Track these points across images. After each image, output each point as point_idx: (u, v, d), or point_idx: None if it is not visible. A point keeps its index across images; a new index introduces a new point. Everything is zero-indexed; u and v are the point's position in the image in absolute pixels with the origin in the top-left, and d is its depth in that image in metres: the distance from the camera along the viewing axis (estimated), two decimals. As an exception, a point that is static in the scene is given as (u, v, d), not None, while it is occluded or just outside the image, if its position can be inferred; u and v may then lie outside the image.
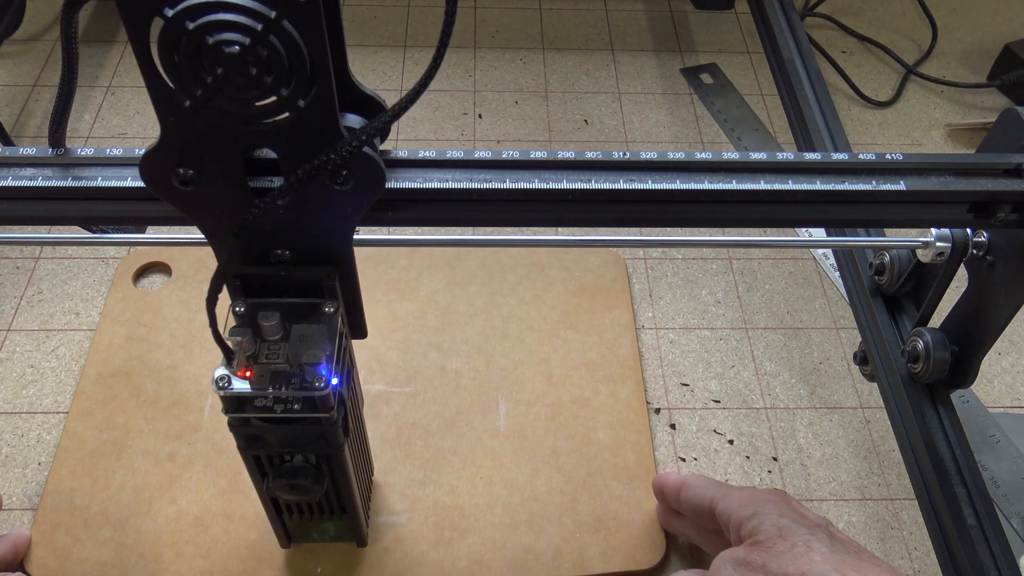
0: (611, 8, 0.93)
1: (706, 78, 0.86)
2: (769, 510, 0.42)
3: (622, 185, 0.35)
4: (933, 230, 0.43)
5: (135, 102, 0.79)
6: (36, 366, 0.60)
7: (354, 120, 0.34)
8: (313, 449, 0.40)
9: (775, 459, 0.58)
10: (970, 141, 0.81)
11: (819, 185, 0.35)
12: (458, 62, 0.85)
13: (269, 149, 0.32)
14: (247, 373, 0.36)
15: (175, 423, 0.56)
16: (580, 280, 0.65)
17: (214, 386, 0.36)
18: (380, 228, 0.42)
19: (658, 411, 0.60)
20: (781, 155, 0.36)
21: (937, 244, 0.43)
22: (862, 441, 0.59)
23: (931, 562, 0.53)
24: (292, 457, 0.41)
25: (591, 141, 0.79)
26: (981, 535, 0.44)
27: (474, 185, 0.34)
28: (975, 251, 0.43)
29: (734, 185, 0.35)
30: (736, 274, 0.69)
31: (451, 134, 0.78)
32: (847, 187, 0.35)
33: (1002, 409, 0.62)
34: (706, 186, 0.35)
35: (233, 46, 0.27)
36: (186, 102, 0.28)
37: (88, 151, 0.34)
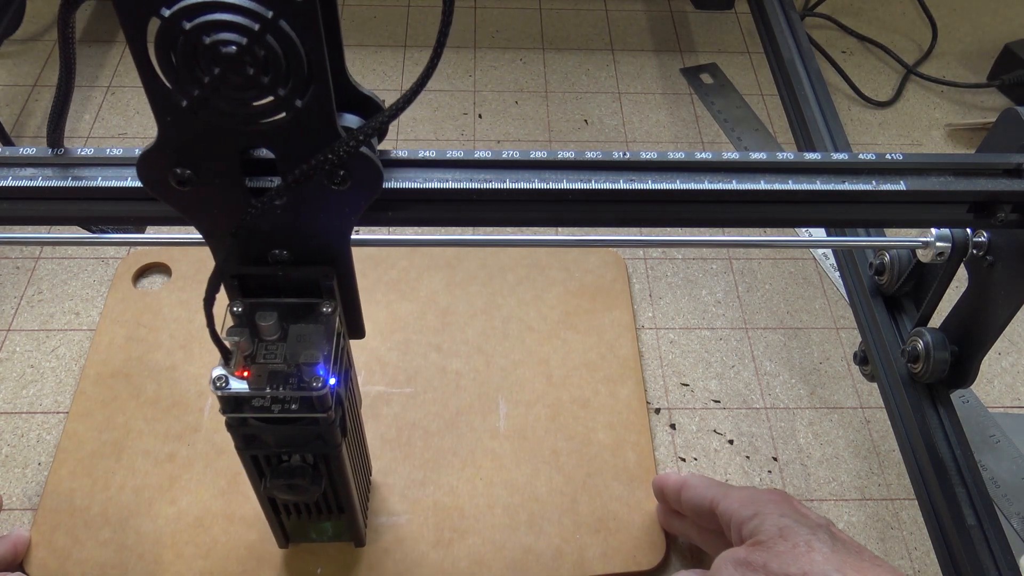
0: (611, 8, 0.93)
1: (706, 78, 0.86)
2: (770, 510, 0.42)
3: (622, 185, 0.35)
4: (933, 230, 0.43)
5: (135, 102, 0.79)
6: (36, 366, 0.60)
7: (352, 120, 0.34)
8: (311, 449, 0.40)
9: (775, 459, 0.58)
10: (970, 141, 0.81)
11: (819, 185, 0.35)
12: (458, 62, 0.85)
13: (266, 149, 0.32)
14: (245, 373, 0.36)
15: (175, 424, 0.56)
16: (580, 280, 0.65)
17: (211, 386, 0.36)
18: (380, 228, 0.42)
19: (658, 411, 0.60)
20: (781, 155, 0.36)
21: (937, 244, 0.43)
22: (862, 441, 0.59)
23: (931, 562, 0.53)
24: (290, 457, 0.41)
25: (591, 141, 0.79)
26: (981, 535, 0.44)
27: (474, 185, 0.34)
28: (975, 251, 0.43)
29: (734, 185, 0.35)
30: (736, 274, 0.69)
31: (451, 134, 0.78)
32: (847, 187, 0.35)
33: (1002, 409, 0.62)
34: (706, 186, 0.35)
35: (230, 46, 0.27)
36: (183, 102, 0.28)
37: (88, 151, 0.34)
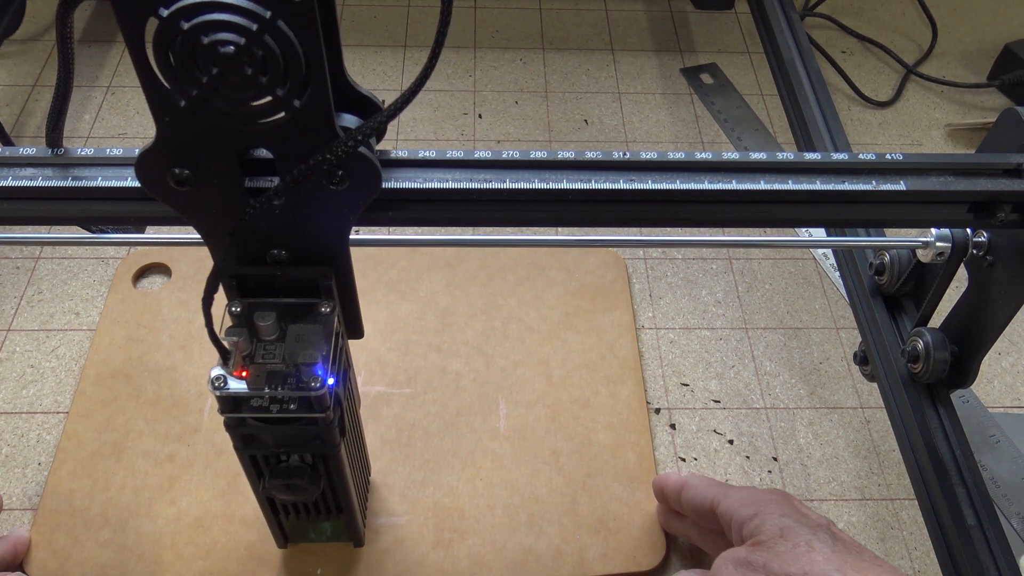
0: (611, 8, 0.93)
1: (706, 78, 0.86)
2: (771, 510, 0.42)
3: (622, 185, 0.35)
4: (933, 230, 0.43)
5: (135, 102, 0.79)
6: (36, 366, 0.60)
7: (350, 120, 0.34)
8: (309, 449, 0.40)
9: (775, 459, 0.58)
10: (970, 141, 0.81)
11: (819, 185, 0.35)
12: (458, 62, 0.85)
13: (265, 149, 0.32)
14: (243, 373, 0.36)
15: (175, 424, 0.56)
16: (580, 281, 0.65)
17: (210, 386, 0.35)
18: (380, 228, 0.42)
19: (658, 411, 0.60)
20: (781, 155, 0.36)
21: (937, 244, 0.43)
22: (862, 441, 0.59)
23: (931, 562, 0.53)
24: (288, 457, 0.41)
25: (591, 141, 0.79)
26: (981, 535, 0.44)
27: (474, 185, 0.34)
28: (975, 251, 0.43)
29: (734, 185, 0.35)
30: (736, 274, 0.69)
31: (451, 134, 0.78)
32: (847, 187, 0.35)
33: (1002, 409, 0.62)
34: (706, 186, 0.35)
35: (228, 46, 0.27)
36: (181, 102, 0.28)
37: (88, 151, 0.34)
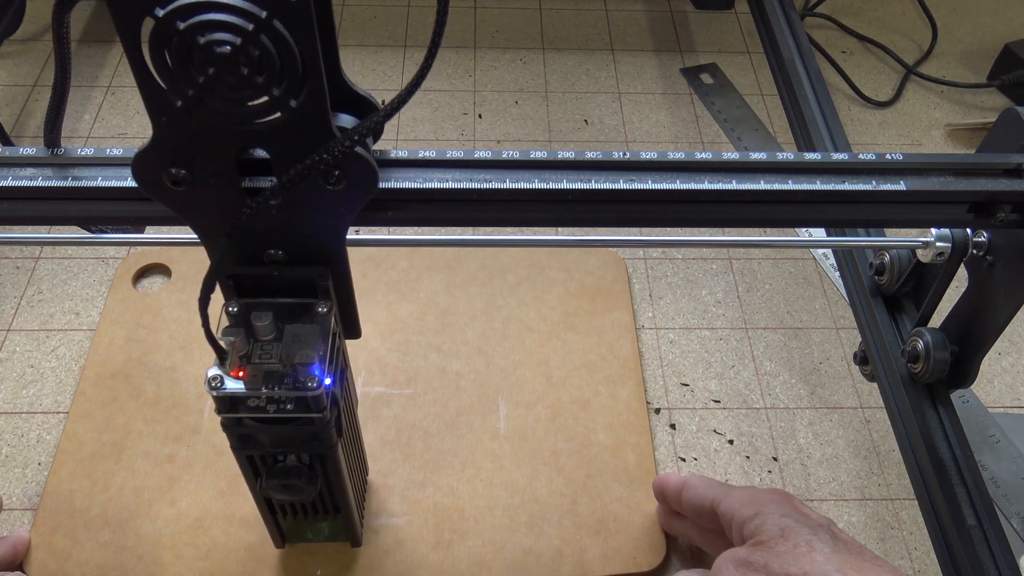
0: (611, 8, 0.93)
1: (706, 78, 0.86)
2: (771, 510, 0.42)
3: (622, 185, 0.35)
4: (933, 230, 0.43)
5: (135, 102, 0.79)
6: (36, 366, 0.60)
7: (347, 120, 0.34)
8: (306, 449, 0.40)
9: (775, 459, 0.58)
10: (970, 141, 0.81)
11: (819, 185, 0.35)
12: (458, 62, 0.85)
13: (262, 149, 0.32)
14: (240, 373, 0.36)
15: (175, 425, 0.56)
16: (580, 281, 0.65)
17: (207, 386, 0.35)
18: (380, 228, 0.42)
19: (658, 411, 0.60)
20: (781, 155, 0.36)
21: (937, 244, 0.43)
22: (862, 441, 0.59)
23: (931, 562, 0.53)
24: (285, 457, 0.41)
25: (591, 141, 0.79)
26: (981, 535, 0.44)
27: (474, 185, 0.34)
28: (975, 251, 0.43)
29: (734, 185, 0.35)
30: (736, 274, 0.69)
31: (451, 134, 0.78)
32: (847, 187, 0.35)
33: (1002, 409, 0.62)
34: (706, 186, 0.35)
35: (224, 46, 0.27)
36: (178, 102, 0.28)
37: (88, 151, 0.34)
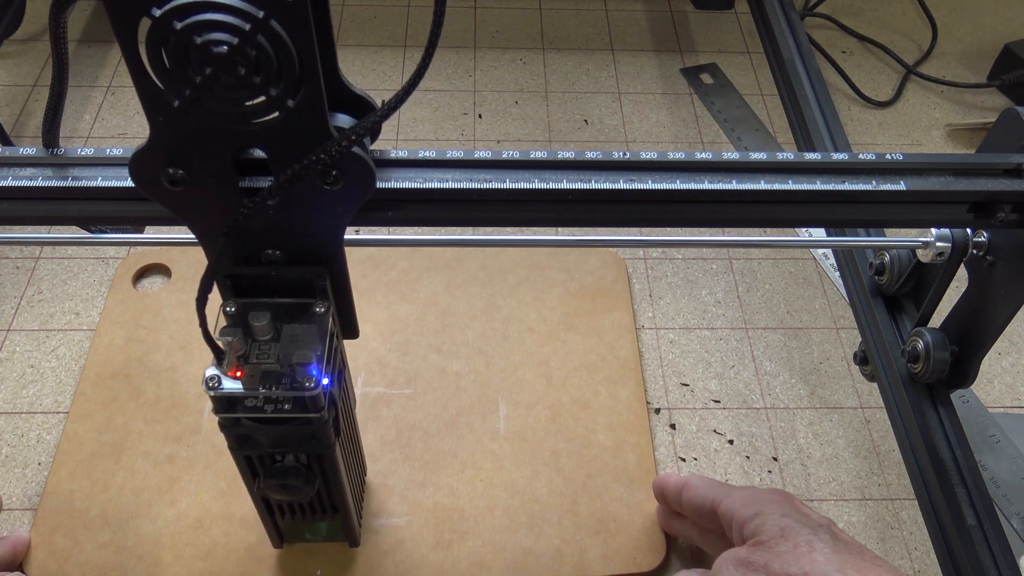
0: (611, 8, 0.93)
1: (706, 78, 0.86)
2: (772, 510, 0.42)
3: (622, 185, 0.35)
4: (933, 230, 0.43)
5: (135, 102, 0.79)
6: (36, 366, 0.60)
7: (344, 120, 0.34)
8: (304, 449, 0.40)
9: (775, 459, 0.58)
10: (970, 141, 0.81)
11: (819, 185, 0.35)
12: (458, 62, 0.85)
13: (259, 149, 0.32)
14: (238, 373, 0.36)
15: (175, 425, 0.56)
16: (580, 282, 0.65)
17: (204, 386, 0.35)
18: (380, 228, 0.42)
19: (658, 411, 0.60)
20: (781, 155, 0.36)
21: (937, 244, 0.43)
22: (862, 441, 0.59)
23: (931, 562, 0.53)
24: (283, 457, 0.41)
25: (591, 141, 0.79)
26: (981, 535, 0.44)
27: (474, 185, 0.34)
28: (975, 251, 0.43)
29: (734, 185, 0.35)
30: (736, 274, 0.69)
31: (451, 134, 0.78)
32: (847, 187, 0.35)
33: (1002, 409, 0.62)
34: (706, 186, 0.35)
35: (221, 46, 0.27)
36: (175, 102, 0.28)
37: (87, 151, 0.34)
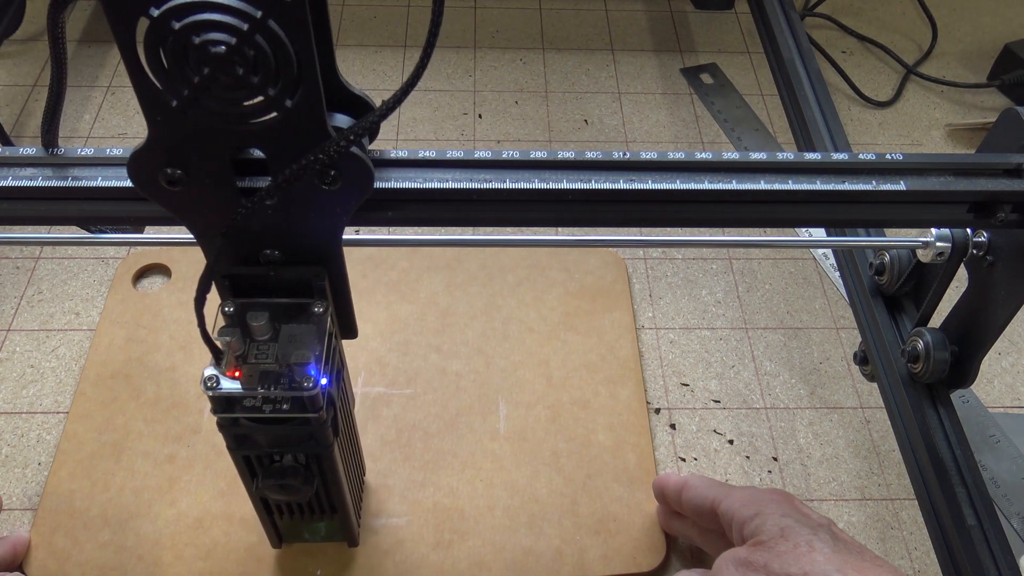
0: (611, 8, 0.93)
1: (706, 78, 0.86)
2: (772, 510, 0.42)
3: (622, 185, 0.35)
4: (933, 230, 0.43)
5: (135, 102, 0.79)
6: (36, 366, 0.60)
7: (342, 120, 0.34)
8: (302, 449, 0.40)
9: (775, 459, 0.58)
10: (970, 141, 0.81)
11: (819, 185, 0.35)
12: (458, 62, 0.85)
13: (257, 149, 0.32)
14: (236, 373, 0.36)
15: (175, 425, 0.56)
16: (580, 282, 0.65)
17: (202, 386, 0.35)
18: (380, 228, 0.42)
19: (658, 411, 0.60)
20: (781, 155, 0.36)
21: (937, 244, 0.43)
22: (862, 441, 0.59)
23: (931, 562, 0.53)
24: (282, 457, 0.41)
25: (591, 141, 0.79)
26: (981, 535, 0.44)
27: (474, 185, 0.34)
28: (975, 251, 0.43)
29: (734, 185, 0.35)
30: (736, 274, 0.69)
31: (451, 134, 0.78)
32: (847, 187, 0.35)
33: (1002, 409, 0.62)
34: (706, 186, 0.35)
35: (219, 46, 0.27)
36: (173, 102, 0.28)
37: (87, 151, 0.34)
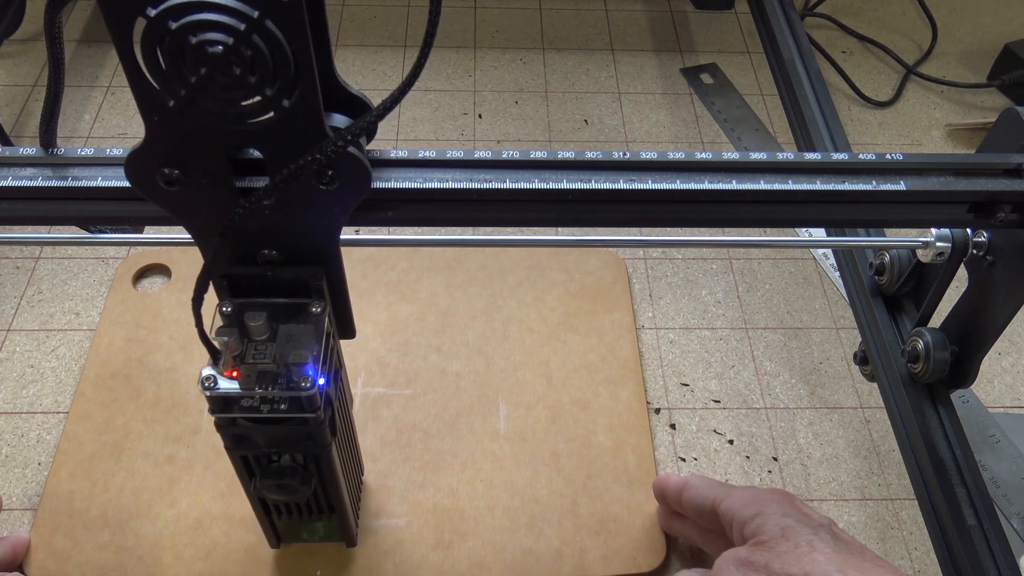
0: (611, 8, 0.93)
1: (706, 78, 0.86)
2: (773, 510, 0.42)
3: (622, 185, 0.35)
4: (933, 230, 0.43)
5: (135, 102, 0.79)
6: (36, 366, 0.60)
7: (340, 120, 0.34)
8: (300, 449, 0.40)
9: (775, 459, 0.58)
10: (970, 141, 0.81)
11: (819, 185, 0.35)
12: (458, 62, 0.85)
13: (255, 149, 0.32)
14: (234, 373, 0.36)
15: (174, 425, 0.56)
16: (580, 282, 0.65)
17: (200, 386, 0.35)
18: (380, 228, 0.42)
19: (658, 411, 0.60)
20: (781, 155, 0.36)
21: (937, 244, 0.43)
22: (862, 441, 0.59)
23: (931, 562, 0.53)
24: (280, 457, 0.41)
25: (591, 141, 0.79)
26: (981, 535, 0.44)
27: (474, 185, 0.34)
28: (975, 251, 0.43)
29: (734, 185, 0.35)
30: (736, 274, 0.69)
31: (451, 134, 0.78)
32: (847, 187, 0.35)
33: (1002, 409, 0.62)
34: (706, 186, 0.35)
35: (216, 46, 0.27)
36: (170, 102, 0.28)
37: (87, 151, 0.34)
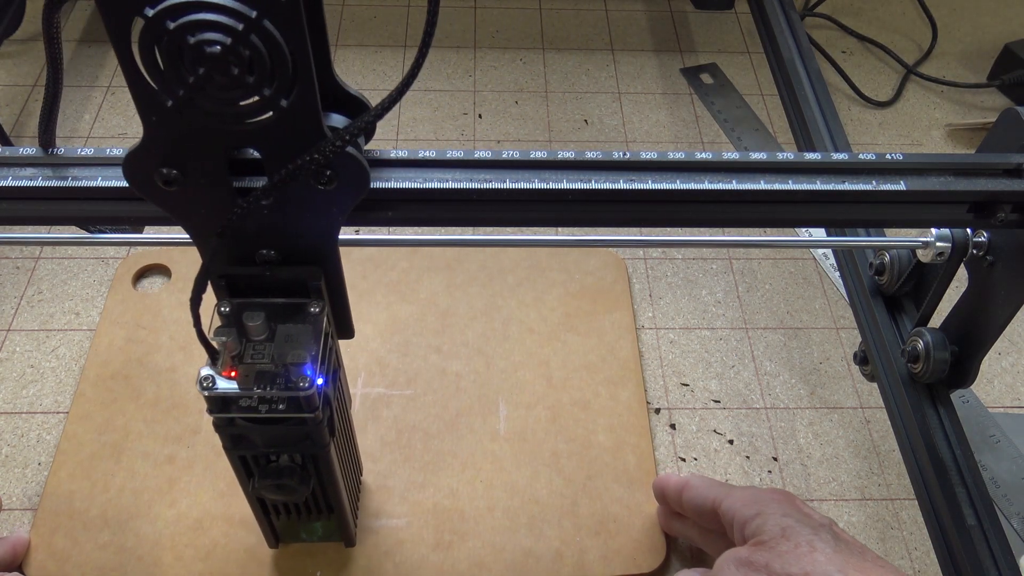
0: (611, 8, 0.93)
1: (706, 78, 0.86)
2: (773, 510, 0.42)
3: (622, 185, 0.35)
4: (933, 230, 0.43)
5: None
6: (36, 366, 0.60)
7: (338, 120, 0.34)
8: (299, 449, 0.40)
9: (775, 459, 0.58)
10: (970, 141, 0.81)
11: (819, 185, 0.35)
12: (458, 62, 0.85)
13: (253, 149, 0.32)
14: (232, 373, 0.36)
15: (174, 426, 0.56)
16: (580, 282, 0.65)
17: (198, 386, 0.35)
18: (380, 229, 0.42)
19: (658, 411, 0.60)
20: (781, 155, 0.36)
21: (937, 244, 0.43)
22: (862, 441, 0.59)
23: (931, 562, 0.53)
24: (278, 457, 0.41)
25: (591, 141, 0.79)
26: (981, 535, 0.44)
27: (474, 185, 0.34)
28: (975, 251, 0.43)
29: (734, 185, 0.35)
30: (736, 274, 0.69)
31: (451, 134, 0.78)
32: (847, 187, 0.35)
33: (1002, 409, 0.62)
34: (706, 186, 0.35)
35: (214, 46, 0.27)
36: (168, 102, 0.28)
37: (87, 151, 0.34)
